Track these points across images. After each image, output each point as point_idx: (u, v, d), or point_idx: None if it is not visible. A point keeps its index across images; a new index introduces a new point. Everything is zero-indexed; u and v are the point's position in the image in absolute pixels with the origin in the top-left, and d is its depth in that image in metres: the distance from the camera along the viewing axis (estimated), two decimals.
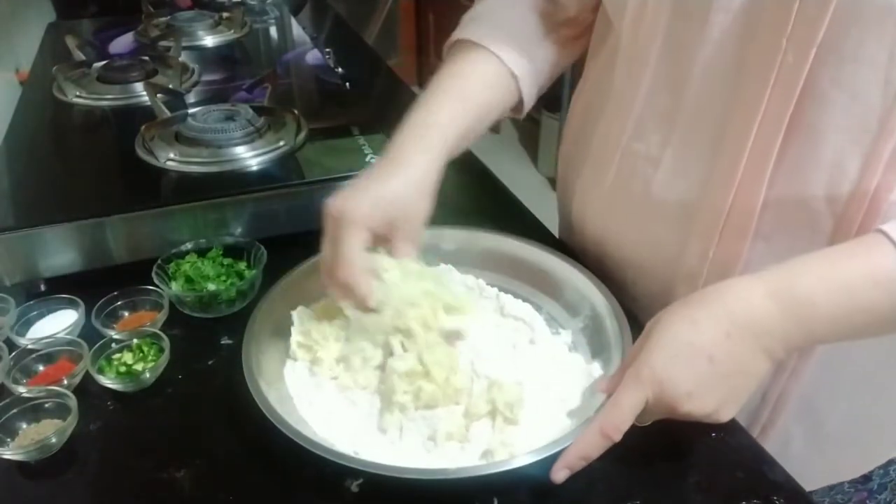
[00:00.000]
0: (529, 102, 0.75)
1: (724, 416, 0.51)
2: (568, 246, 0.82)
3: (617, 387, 0.52)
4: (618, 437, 0.50)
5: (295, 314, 0.64)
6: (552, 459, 0.51)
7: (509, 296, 0.71)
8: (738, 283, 0.51)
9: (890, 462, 0.77)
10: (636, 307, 0.68)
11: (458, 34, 0.74)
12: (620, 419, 0.50)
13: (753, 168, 0.57)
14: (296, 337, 0.63)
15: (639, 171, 0.67)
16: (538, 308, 0.70)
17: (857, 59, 0.51)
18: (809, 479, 0.60)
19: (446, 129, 0.65)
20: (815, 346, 0.63)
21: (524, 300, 0.71)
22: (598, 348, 0.64)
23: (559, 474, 0.51)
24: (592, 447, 0.50)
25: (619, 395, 0.51)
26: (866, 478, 0.78)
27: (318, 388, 0.61)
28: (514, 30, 0.73)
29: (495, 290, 0.72)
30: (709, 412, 0.50)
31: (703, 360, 0.49)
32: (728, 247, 0.62)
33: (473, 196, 0.97)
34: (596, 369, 0.62)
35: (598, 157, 0.73)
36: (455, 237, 0.75)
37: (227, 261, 0.76)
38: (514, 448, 0.55)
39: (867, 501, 0.78)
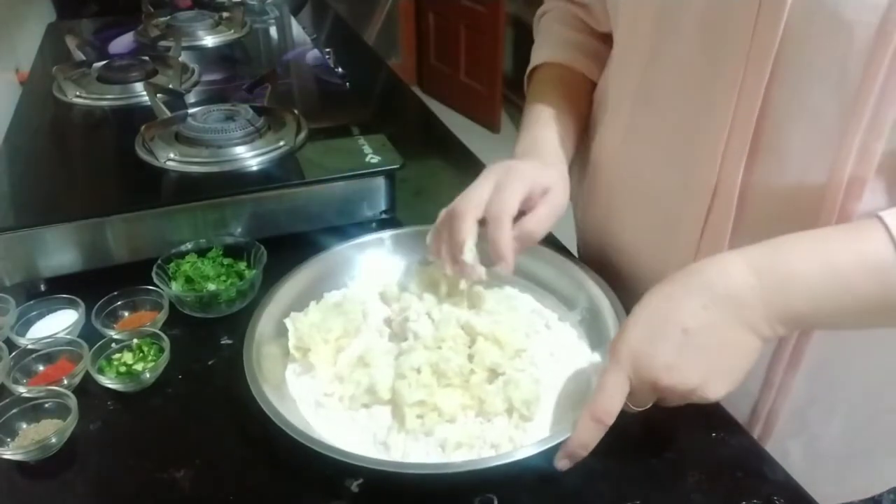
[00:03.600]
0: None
1: (712, 393, 0.49)
2: (586, 258, 0.82)
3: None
4: (609, 421, 0.50)
5: (288, 321, 0.63)
6: (552, 452, 0.51)
7: (508, 287, 0.71)
8: (720, 258, 0.51)
9: None
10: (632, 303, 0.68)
11: (537, 58, 0.80)
12: (608, 402, 0.50)
13: (726, 178, 0.58)
14: (292, 342, 0.62)
15: (629, 182, 0.69)
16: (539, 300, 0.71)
17: (810, 75, 0.51)
18: (816, 497, 0.59)
19: (565, 141, 0.72)
20: (801, 360, 0.62)
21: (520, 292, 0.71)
22: (595, 341, 0.64)
23: (561, 463, 0.51)
24: (588, 434, 0.50)
25: (603, 379, 0.51)
26: (876, 502, 0.77)
27: (322, 398, 0.61)
28: (569, 36, 0.79)
29: (497, 281, 0.72)
30: (692, 386, 0.49)
31: (677, 332, 0.49)
32: (707, 256, 0.62)
33: None
34: (597, 359, 0.62)
35: (596, 165, 0.74)
36: None
37: (227, 261, 0.76)
38: (520, 443, 0.55)
39: None
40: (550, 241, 0.73)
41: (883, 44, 0.47)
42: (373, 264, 0.74)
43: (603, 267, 0.75)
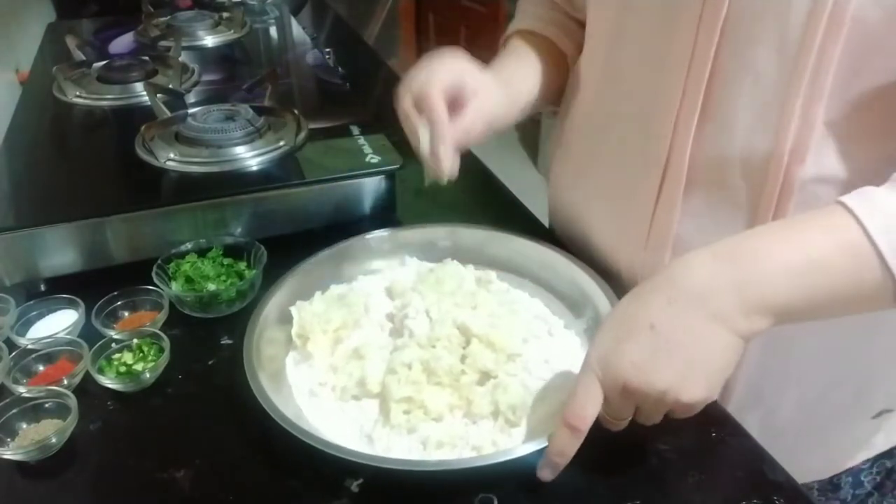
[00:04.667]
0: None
1: (686, 395, 0.47)
2: (542, 223, 0.87)
3: None
4: (583, 427, 0.48)
5: (293, 309, 0.65)
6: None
7: (518, 291, 0.72)
8: (687, 255, 0.49)
9: (860, 470, 0.76)
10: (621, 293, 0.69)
11: (510, 29, 0.83)
12: (580, 408, 0.49)
13: (678, 148, 0.61)
14: (295, 329, 0.64)
15: (597, 153, 0.72)
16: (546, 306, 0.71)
17: (753, 40, 0.54)
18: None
19: (512, 72, 0.76)
20: None
21: (530, 297, 0.72)
22: None
23: (543, 472, 0.51)
24: (563, 442, 0.49)
25: (576, 385, 0.50)
26: (835, 485, 0.77)
27: (316, 388, 0.61)
28: (551, 13, 0.81)
29: (505, 284, 0.72)
30: (663, 388, 0.46)
31: (644, 329, 0.47)
32: (661, 226, 0.65)
33: (474, 196, 0.97)
34: None
35: (567, 143, 0.78)
36: (462, 235, 0.76)
37: (227, 261, 0.76)
38: (503, 447, 0.55)
39: None
40: (560, 248, 0.74)
41: (819, 9, 0.50)
42: (383, 260, 0.76)
43: (571, 241, 0.79)
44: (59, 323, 0.69)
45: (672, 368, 0.47)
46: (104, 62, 1.16)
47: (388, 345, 0.64)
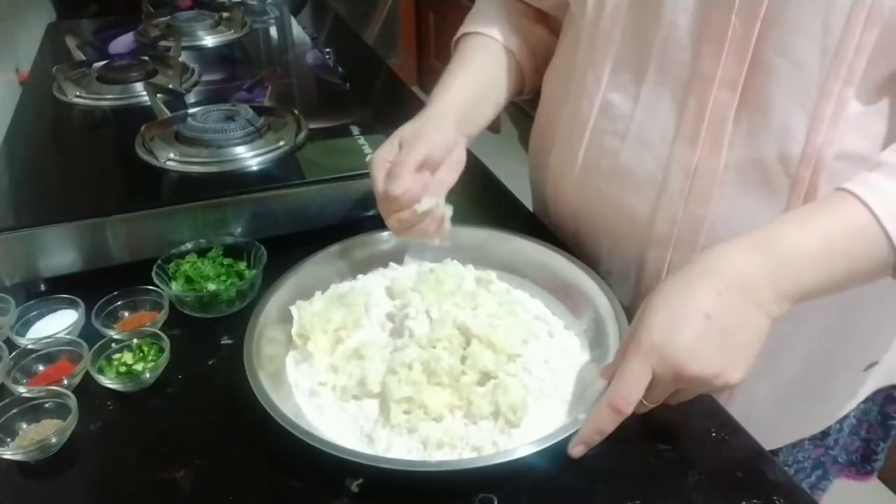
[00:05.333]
0: (532, 77, 0.86)
1: (733, 377, 0.51)
2: (543, 223, 0.87)
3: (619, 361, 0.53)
4: (628, 410, 0.51)
5: (294, 308, 0.65)
6: (557, 451, 0.51)
7: (519, 291, 0.72)
8: (723, 247, 0.53)
9: (844, 417, 0.82)
10: (611, 280, 0.70)
11: (459, 32, 0.86)
12: (627, 391, 0.51)
13: (713, 134, 0.63)
14: (295, 329, 0.64)
15: (606, 147, 0.72)
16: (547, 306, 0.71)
17: (796, 30, 0.57)
18: (776, 437, 0.63)
19: (457, 93, 0.78)
20: None
21: (531, 297, 0.72)
22: (597, 352, 0.64)
23: (576, 449, 0.52)
24: (604, 422, 0.51)
25: (623, 368, 0.52)
26: (824, 433, 0.83)
27: (316, 387, 0.61)
28: (504, 18, 0.84)
29: (506, 285, 0.72)
30: (716, 371, 0.50)
31: (699, 318, 0.50)
32: (694, 209, 0.67)
33: (473, 195, 0.97)
34: (594, 370, 0.62)
35: (568, 138, 0.77)
36: (462, 235, 0.75)
37: (227, 261, 0.76)
38: (503, 448, 0.55)
39: (822, 458, 0.84)
40: (561, 248, 0.74)
41: (861, 4, 0.53)
42: (384, 260, 0.76)
43: (574, 243, 0.81)
44: (59, 323, 0.69)
45: (725, 354, 0.50)
46: (104, 62, 1.16)
47: (388, 345, 0.64)
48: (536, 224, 0.88)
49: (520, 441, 0.55)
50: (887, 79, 0.57)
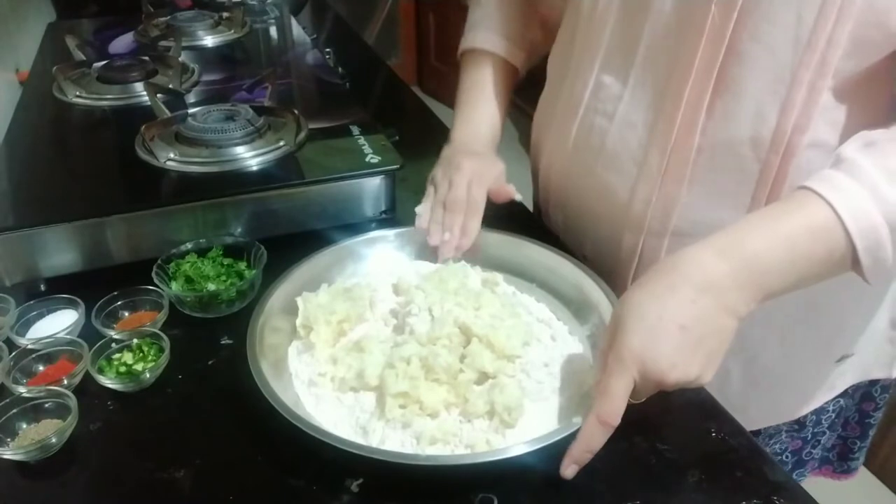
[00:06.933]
0: (523, 71, 0.95)
1: (707, 377, 0.53)
2: (541, 223, 0.90)
3: (600, 374, 0.53)
4: (616, 423, 0.51)
5: (300, 299, 0.65)
6: (562, 449, 0.51)
7: (525, 295, 0.72)
8: (690, 252, 0.54)
9: (822, 410, 0.84)
10: (589, 266, 0.72)
11: (464, 45, 0.93)
12: (614, 405, 0.51)
13: (689, 117, 0.66)
14: (299, 320, 0.64)
15: (596, 126, 0.75)
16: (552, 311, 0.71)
17: (770, 20, 0.59)
18: (750, 419, 0.65)
19: (490, 128, 0.91)
20: None
21: (536, 301, 0.72)
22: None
23: (567, 470, 0.52)
24: (594, 438, 0.52)
25: (608, 382, 0.52)
26: (801, 424, 0.85)
27: (316, 377, 0.62)
28: (506, 26, 0.90)
29: (512, 288, 0.72)
30: (694, 376, 0.52)
31: (676, 330, 0.52)
32: (668, 190, 0.70)
33: None
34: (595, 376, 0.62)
35: (564, 116, 0.80)
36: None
37: (227, 261, 0.76)
38: (496, 447, 0.55)
39: (801, 451, 0.88)
40: (557, 247, 0.74)
41: None
42: (389, 258, 0.76)
43: (565, 214, 0.84)
44: (59, 323, 0.69)
45: (699, 359, 0.52)
46: (104, 62, 1.16)
47: (389, 340, 0.64)
48: (536, 224, 0.88)
49: (513, 442, 0.55)
50: (863, 75, 0.59)
